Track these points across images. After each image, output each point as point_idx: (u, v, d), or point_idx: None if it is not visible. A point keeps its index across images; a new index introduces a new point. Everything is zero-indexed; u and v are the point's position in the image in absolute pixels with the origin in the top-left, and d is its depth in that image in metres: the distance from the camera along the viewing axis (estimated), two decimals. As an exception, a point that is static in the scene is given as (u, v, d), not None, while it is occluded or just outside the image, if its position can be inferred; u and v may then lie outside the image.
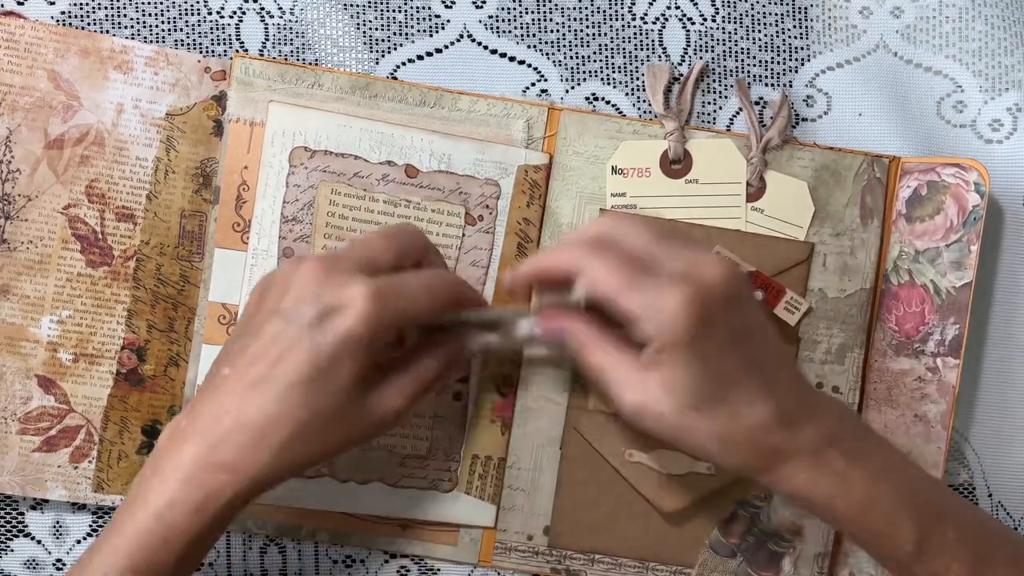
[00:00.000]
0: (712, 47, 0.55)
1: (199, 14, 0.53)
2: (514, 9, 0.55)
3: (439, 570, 0.54)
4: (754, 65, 0.55)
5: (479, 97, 0.53)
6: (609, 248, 0.42)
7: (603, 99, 0.55)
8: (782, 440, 0.41)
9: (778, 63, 0.55)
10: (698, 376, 0.40)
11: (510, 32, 0.55)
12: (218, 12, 0.53)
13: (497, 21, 0.55)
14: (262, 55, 0.54)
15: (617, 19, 0.55)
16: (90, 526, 0.53)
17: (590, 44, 0.55)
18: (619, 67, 0.55)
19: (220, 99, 0.52)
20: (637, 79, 0.55)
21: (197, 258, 0.53)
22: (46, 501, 0.53)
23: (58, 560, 0.53)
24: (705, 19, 0.55)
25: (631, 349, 0.42)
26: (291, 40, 0.54)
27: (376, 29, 0.54)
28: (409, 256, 0.45)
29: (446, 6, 0.54)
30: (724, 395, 0.41)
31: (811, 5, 0.56)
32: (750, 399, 0.41)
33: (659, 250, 0.42)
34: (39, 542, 0.53)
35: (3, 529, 0.53)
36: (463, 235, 0.53)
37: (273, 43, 0.54)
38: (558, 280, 0.44)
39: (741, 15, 0.55)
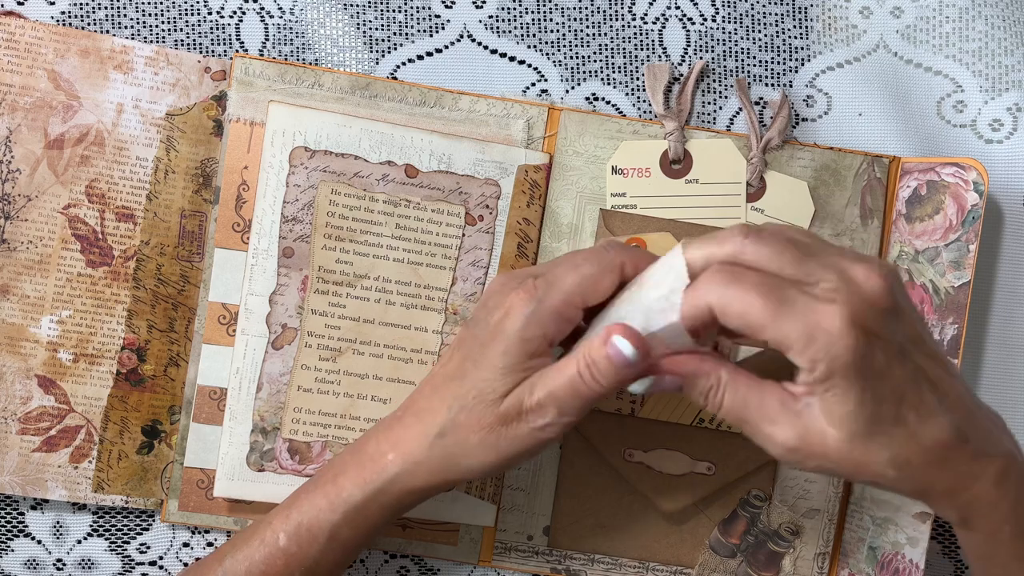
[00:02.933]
0: (712, 47, 0.55)
1: (199, 14, 0.53)
2: (514, 9, 0.55)
3: (439, 570, 0.54)
4: (754, 65, 0.55)
5: (479, 97, 0.53)
6: (742, 272, 0.37)
7: (603, 99, 0.55)
8: (963, 457, 0.38)
9: (778, 63, 0.55)
10: (867, 400, 0.36)
11: (510, 32, 0.55)
12: (218, 12, 0.53)
13: (497, 21, 0.55)
14: (262, 55, 0.54)
15: (617, 19, 0.55)
16: (90, 526, 0.53)
17: (590, 44, 0.55)
18: (619, 67, 0.55)
19: (220, 99, 0.52)
20: (637, 79, 0.55)
21: (197, 258, 0.53)
22: (46, 501, 0.53)
23: (58, 560, 0.53)
24: (705, 19, 0.55)
25: (769, 382, 0.38)
26: (291, 40, 0.54)
27: (376, 29, 0.54)
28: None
29: (446, 6, 0.54)
30: (897, 416, 0.37)
31: (811, 5, 0.56)
32: (924, 415, 0.37)
33: (804, 265, 0.37)
34: (39, 542, 0.53)
35: (3, 529, 0.53)
36: (463, 235, 0.53)
37: (273, 43, 0.54)
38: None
39: (741, 15, 0.55)
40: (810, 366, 0.36)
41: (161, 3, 0.53)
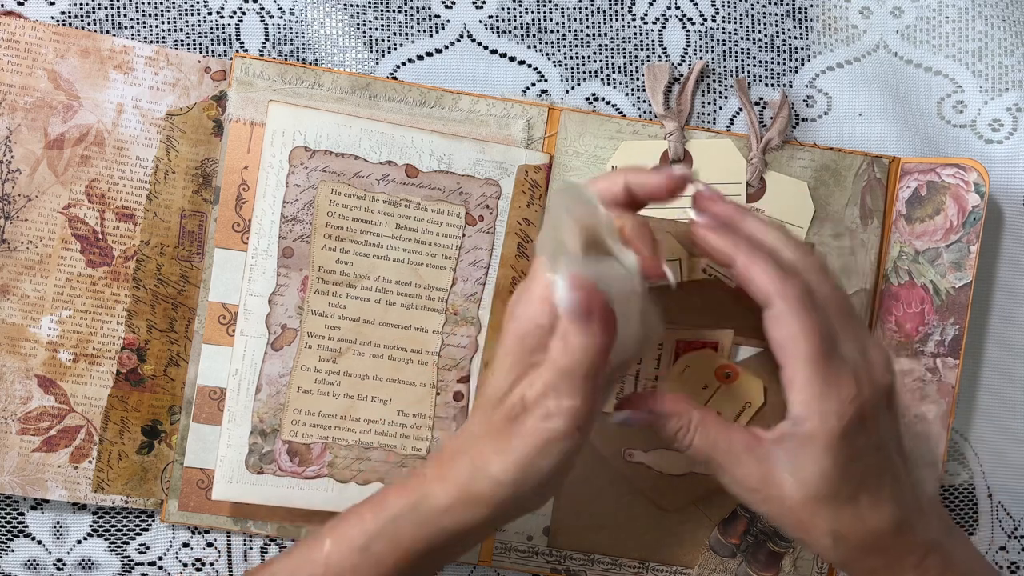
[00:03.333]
0: (712, 47, 0.55)
1: (199, 14, 0.53)
2: (514, 9, 0.55)
3: (439, 570, 0.54)
4: (754, 65, 0.55)
5: (479, 97, 0.53)
6: (818, 305, 0.39)
7: (603, 99, 0.55)
8: (895, 545, 0.40)
9: (778, 63, 0.55)
10: (835, 474, 0.38)
11: (510, 32, 0.55)
12: (218, 12, 0.53)
13: (497, 21, 0.55)
14: (262, 55, 0.54)
15: (617, 19, 0.55)
16: (90, 526, 0.53)
17: (590, 44, 0.55)
18: (619, 67, 0.55)
19: (220, 99, 0.52)
20: (637, 79, 0.55)
21: (197, 258, 0.53)
22: (46, 501, 0.53)
23: (58, 560, 0.53)
24: (705, 19, 0.55)
25: (736, 425, 0.40)
26: (291, 40, 0.54)
27: (376, 29, 0.54)
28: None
29: (446, 6, 0.54)
30: (854, 496, 0.39)
31: (811, 5, 0.56)
32: (877, 503, 0.39)
33: (843, 324, 0.39)
34: (39, 542, 0.53)
35: (3, 529, 0.53)
36: (463, 235, 0.53)
37: (273, 43, 0.54)
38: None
39: (741, 15, 0.55)
40: (801, 418, 0.38)
41: (161, 3, 0.53)
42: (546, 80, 0.55)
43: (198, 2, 0.53)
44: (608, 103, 0.55)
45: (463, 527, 0.41)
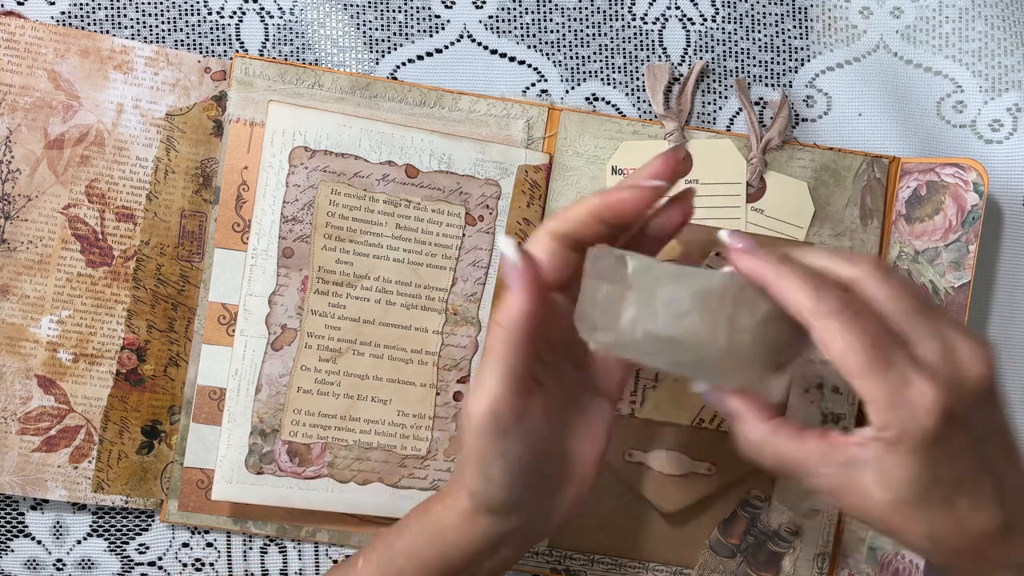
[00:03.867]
0: (712, 47, 0.55)
1: (199, 14, 0.53)
2: (514, 9, 0.55)
3: None
4: (754, 65, 0.55)
5: (479, 97, 0.53)
6: (861, 312, 0.36)
7: (603, 99, 0.55)
8: (998, 549, 0.38)
9: (778, 63, 0.55)
10: (925, 477, 0.36)
11: (510, 32, 0.55)
12: (218, 12, 0.53)
13: (497, 21, 0.55)
14: (262, 55, 0.54)
15: (617, 19, 0.55)
16: (90, 526, 0.53)
17: (590, 44, 0.55)
18: (619, 67, 0.55)
19: (220, 99, 0.52)
20: (637, 79, 0.55)
21: (197, 258, 0.53)
22: (46, 501, 0.53)
23: (58, 560, 0.53)
24: (705, 19, 0.55)
25: (811, 431, 0.38)
26: (291, 40, 0.54)
27: (376, 29, 0.54)
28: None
29: (446, 6, 0.54)
30: (950, 499, 0.37)
31: (811, 5, 0.56)
32: (977, 505, 0.37)
33: (914, 324, 0.37)
34: (39, 542, 0.53)
35: (3, 529, 0.53)
36: (463, 235, 0.53)
37: (273, 43, 0.54)
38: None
39: (741, 15, 0.55)
40: (882, 426, 0.36)
41: (161, 3, 0.53)
42: (546, 80, 0.55)
43: (198, 2, 0.53)
44: (608, 103, 0.55)
45: (472, 543, 0.41)
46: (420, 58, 0.54)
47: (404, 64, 0.54)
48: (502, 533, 0.41)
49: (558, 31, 0.55)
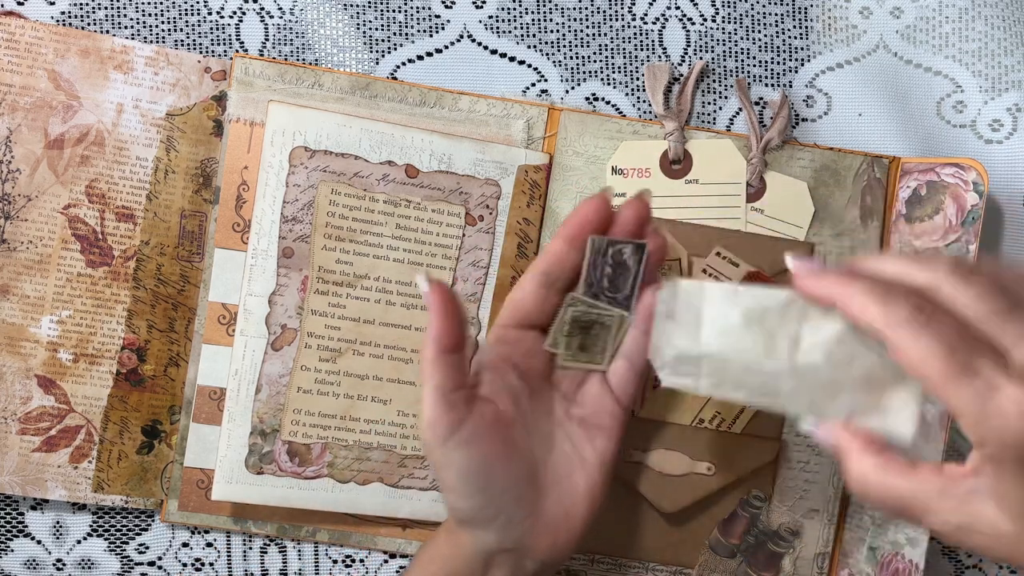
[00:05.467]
0: (712, 47, 0.55)
1: (199, 14, 0.53)
2: (514, 9, 0.55)
3: None
4: (754, 65, 0.55)
5: (479, 97, 0.53)
6: (936, 316, 0.33)
7: (603, 99, 0.55)
8: None
9: (778, 63, 0.55)
10: None
11: (510, 32, 0.55)
12: (218, 12, 0.53)
13: (497, 21, 0.55)
14: (262, 55, 0.54)
15: (617, 19, 0.55)
16: (90, 526, 0.53)
17: (590, 44, 0.55)
18: (619, 67, 0.55)
19: (220, 99, 0.52)
20: (637, 79, 0.55)
21: (197, 258, 0.53)
22: (46, 501, 0.53)
23: (58, 560, 0.53)
24: (705, 19, 0.55)
25: (921, 465, 0.36)
26: (291, 40, 0.54)
27: (376, 29, 0.54)
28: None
29: (446, 6, 0.54)
30: None
31: (811, 5, 0.56)
32: None
33: (1001, 325, 0.33)
34: (39, 542, 0.53)
35: (3, 529, 0.53)
36: (463, 235, 0.53)
37: (273, 43, 0.54)
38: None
39: (741, 15, 0.55)
40: (979, 442, 0.33)
41: (161, 3, 0.53)
42: (546, 80, 0.55)
43: (198, 2, 0.53)
44: (608, 103, 0.55)
45: (464, 561, 0.44)
46: (420, 58, 0.54)
47: (404, 64, 0.54)
48: (487, 550, 0.43)
49: (558, 31, 0.55)
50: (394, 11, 0.54)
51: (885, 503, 0.36)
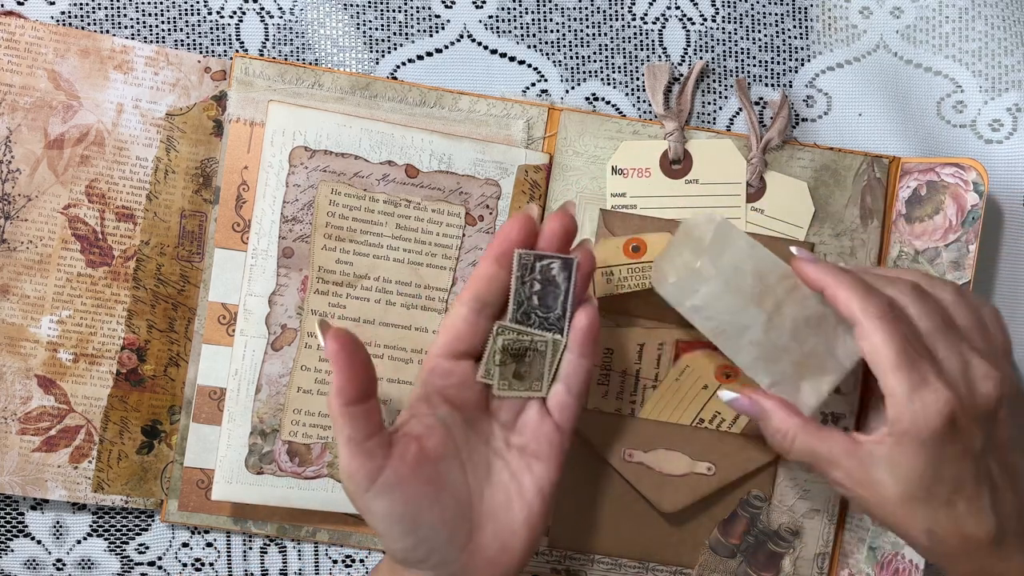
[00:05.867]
0: (712, 47, 0.55)
1: (199, 14, 0.53)
2: (514, 9, 0.55)
3: None
4: (754, 65, 0.55)
5: (479, 97, 0.53)
6: (898, 318, 0.42)
7: (603, 99, 0.55)
8: (990, 558, 0.42)
9: (778, 63, 0.55)
10: (929, 473, 0.41)
11: (510, 32, 0.55)
12: (218, 12, 0.53)
13: (497, 21, 0.55)
14: (262, 55, 0.54)
15: (617, 19, 0.55)
16: (90, 526, 0.53)
17: (590, 44, 0.55)
18: (619, 67, 0.55)
19: (220, 99, 0.52)
20: (637, 79, 0.55)
21: (197, 258, 0.53)
22: (46, 501, 0.53)
23: (58, 560, 0.53)
24: (705, 19, 0.55)
25: (834, 429, 0.44)
26: (291, 40, 0.54)
27: (376, 29, 0.54)
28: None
29: (446, 6, 0.54)
30: (950, 500, 0.41)
31: (811, 5, 0.56)
32: (975, 511, 0.42)
33: (938, 339, 0.42)
34: (39, 542, 0.53)
35: (3, 529, 0.53)
36: (463, 235, 0.53)
37: (273, 43, 0.54)
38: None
39: (741, 15, 0.55)
40: (895, 419, 0.41)
41: (161, 3, 0.53)
42: (546, 80, 0.55)
43: (198, 2, 0.53)
44: (608, 103, 0.55)
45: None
46: (420, 58, 0.54)
47: (404, 64, 0.54)
48: None
49: (558, 31, 0.55)
50: (394, 11, 0.54)
51: (801, 456, 0.44)
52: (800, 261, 0.45)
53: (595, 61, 0.55)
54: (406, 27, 0.54)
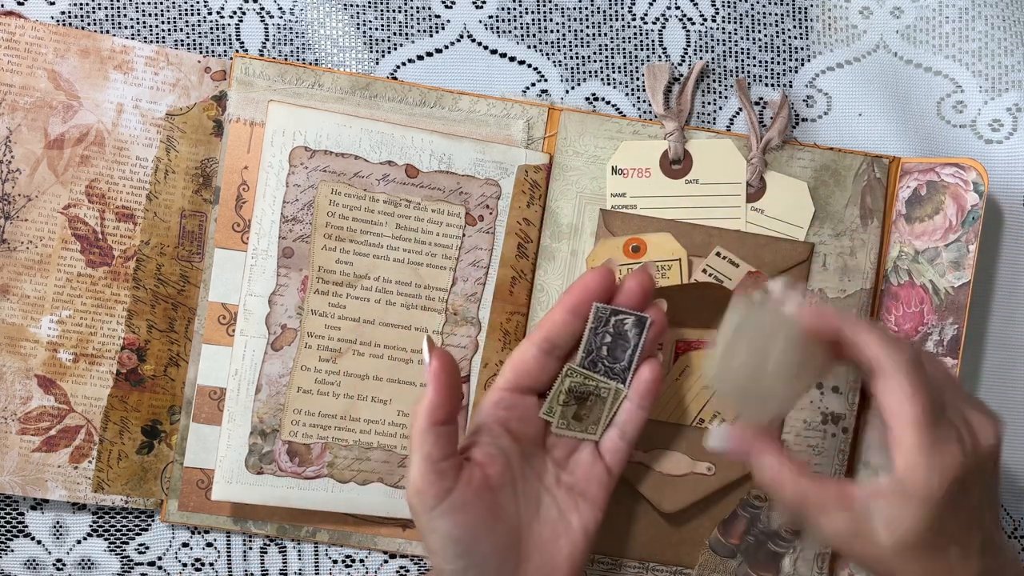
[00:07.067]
0: (712, 47, 0.55)
1: (199, 14, 0.53)
2: (514, 9, 0.55)
3: (439, 570, 0.54)
4: (754, 65, 0.55)
5: (479, 97, 0.53)
6: (924, 371, 0.40)
7: (603, 99, 0.55)
8: None
9: (778, 63, 0.55)
10: (932, 529, 0.40)
11: (510, 32, 0.55)
12: (218, 12, 0.53)
13: (497, 21, 0.55)
14: (262, 55, 0.54)
15: (617, 19, 0.55)
16: (90, 526, 0.53)
17: (590, 44, 0.55)
18: (619, 67, 0.55)
19: (220, 99, 0.52)
20: (637, 79, 0.55)
21: (197, 258, 0.53)
22: (46, 501, 0.53)
23: (58, 560, 0.53)
24: (705, 19, 0.55)
25: (827, 478, 0.42)
26: (291, 40, 0.54)
27: (376, 29, 0.54)
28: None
29: (446, 6, 0.54)
30: (945, 548, 0.40)
31: (811, 5, 0.56)
32: (966, 555, 0.41)
33: (949, 395, 0.41)
34: (39, 542, 0.53)
35: (3, 529, 0.53)
36: (463, 235, 0.53)
37: (273, 43, 0.54)
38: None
39: (741, 15, 0.55)
40: (905, 475, 0.39)
41: (161, 3, 0.53)
42: (546, 80, 0.55)
43: (198, 2, 0.53)
44: (608, 103, 0.55)
45: None
46: (420, 58, 0.54)
47: (404, 64, 0.54)
48: None
49: (558, 31, 0.55)
50: (394, 11, 0.54)
51: (793, 500, 0.42)
52: (810, 312, 0.42)
53: (595, 61, 0.55)
54: (406, 27, 0.54)
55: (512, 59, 0.55)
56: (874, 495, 0.40)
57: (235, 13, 0.54)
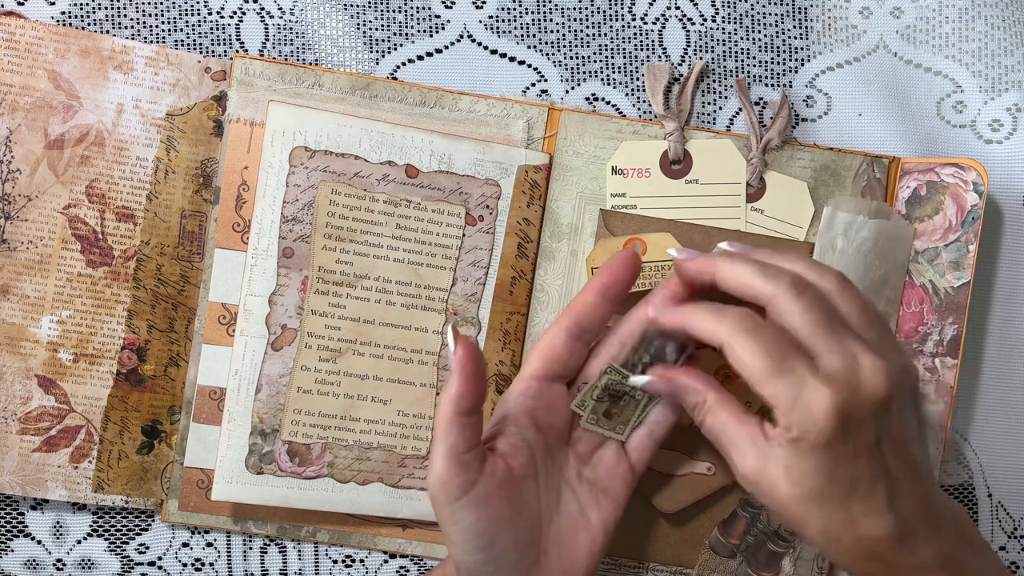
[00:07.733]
0: (712, 47, 0.55)
1: (199, 14, 0.53)
2: (514, 9, 0.55)
3: (439, 570, 0.54)
4: (754, 65, 0.55)
5: (479, 97, 0.53)
6: (756, 328, 0.40)
7: (603, 99, 0.55)
8: (893, 555, 0.40)
9: (778, 63, 0.55)
10: (822, 477, 0.39)
11: (510, 32, 0.55)
12: (218, 12, 0.53)
13: (497, 21, 0.55)
14: (262, 55, 0.54)
15: (617, 19, 0.55)
16: (90, 526, 0.53)
17: (590, 44, 0.55)
18: (619, 67, 0.55)
19: (220, 99, 0.52)
20: (637, 79, 0.55)
21: (197, 258, 0.53)
22: (46, 501, 0.53)
23: (58, 560, 0.53)
24: (705, 19, 0.55)
25: (751, 416, 0.42)
26: (291, 40, 0.54)
27: (376, 29, 0.54)
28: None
29: (446, 6, 0.54)
30: (844, 501, 0.39)
31: (811, 5, 0.56)
32: (869, 511, 0.39)
33: (820, 337, 0.39)
34: (39, 542, 0.53)
35: (3, 529, 0.53)
36: (463, 235, 0.53)
37: (273, 43, 0.54)
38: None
39: (741, 15, 0.55)
40: (786, 427, 0.39)
41: (161, 3, 0.53)
42: (546, 80, 0.55)
43: (198, 2, 0.53)
44: (608, 103, 0.55)
45: None
46: (420, 58, 0.54)
47: (404, 64, 0.54)
48: None
49: (558, 31, 0.55)
50: (394, 11, 0.54)
51: (711, 433, 0.42)
52: (677, 261, 0.44)
53: (595, 61, 0.55)
54: (406, 27, 0.54)
55: (512, 59, 0.55)
56: (773, 439, 0.40)
57: (235, 13, 0.54)
